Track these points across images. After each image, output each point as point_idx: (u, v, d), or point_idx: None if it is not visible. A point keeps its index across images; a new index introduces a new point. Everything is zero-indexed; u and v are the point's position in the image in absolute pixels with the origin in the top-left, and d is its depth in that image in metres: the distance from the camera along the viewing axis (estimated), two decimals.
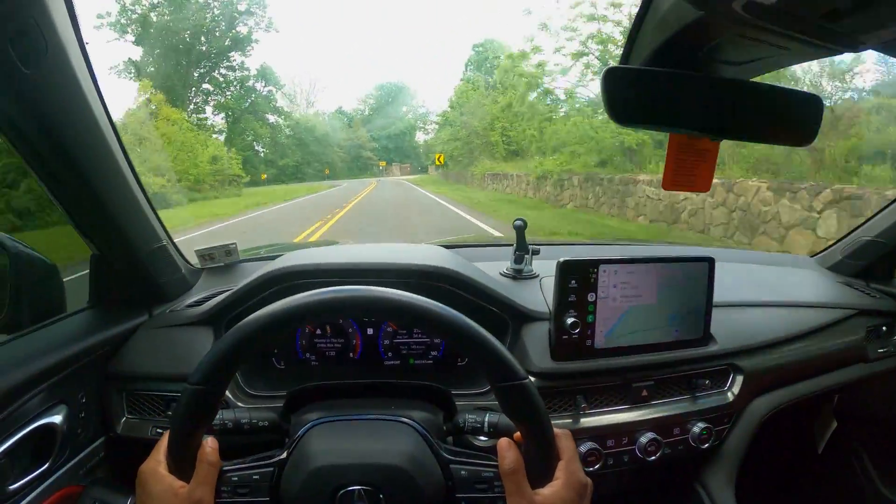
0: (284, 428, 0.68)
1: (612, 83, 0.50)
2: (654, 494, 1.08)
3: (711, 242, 6.13)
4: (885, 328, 1.18)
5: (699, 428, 0.92)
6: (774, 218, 5.57)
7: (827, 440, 1.32)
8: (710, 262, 0.92)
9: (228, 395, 0.85)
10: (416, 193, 19.75)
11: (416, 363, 1.00)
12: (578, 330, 0.87)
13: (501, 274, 1.08)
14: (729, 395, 0.97)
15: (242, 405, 0.85)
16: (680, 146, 0.58)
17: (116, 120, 0.79)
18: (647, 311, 0.90)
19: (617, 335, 0.89)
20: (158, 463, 0.54)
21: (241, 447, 0.64)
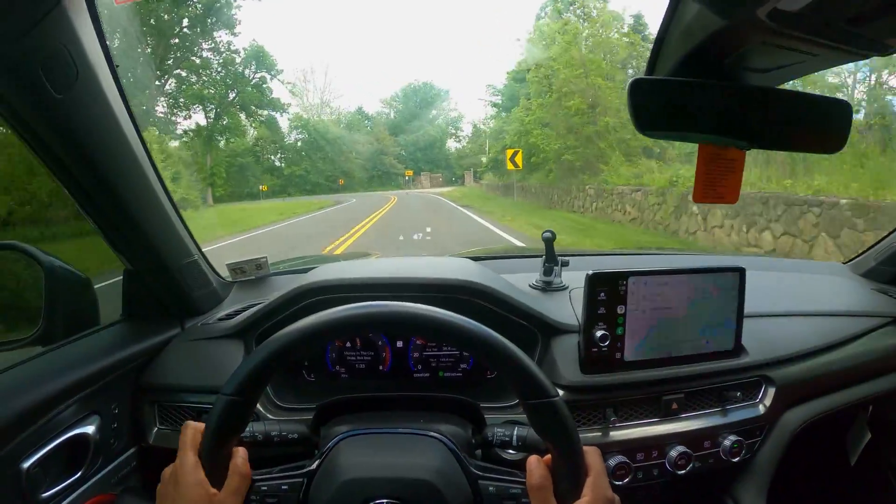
0: (314, 441, 0.68)
1: (638, 94, 0.51)
2: None
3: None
4: None
5: (730, 441, 0.90)
6: None
7: (860, 452, 1.27)
8: (741, 272, 0.90)
9: (259, 407, 0.86)
10: (470, 228, 10.13)
11: (445, 376, 1.01)
12: (608, 343, 0.86)
13: (531, 286, 1.08)
14: (760, 407, 0.95)
15: (272, 417, 0.86)
16: (708, 157, 0.57)
17: None
18: (676, 322, 0.89)
19: (646, 347, 0.88)
20: (197, 465, 0.53)
21: (269, 458, 0.64)
